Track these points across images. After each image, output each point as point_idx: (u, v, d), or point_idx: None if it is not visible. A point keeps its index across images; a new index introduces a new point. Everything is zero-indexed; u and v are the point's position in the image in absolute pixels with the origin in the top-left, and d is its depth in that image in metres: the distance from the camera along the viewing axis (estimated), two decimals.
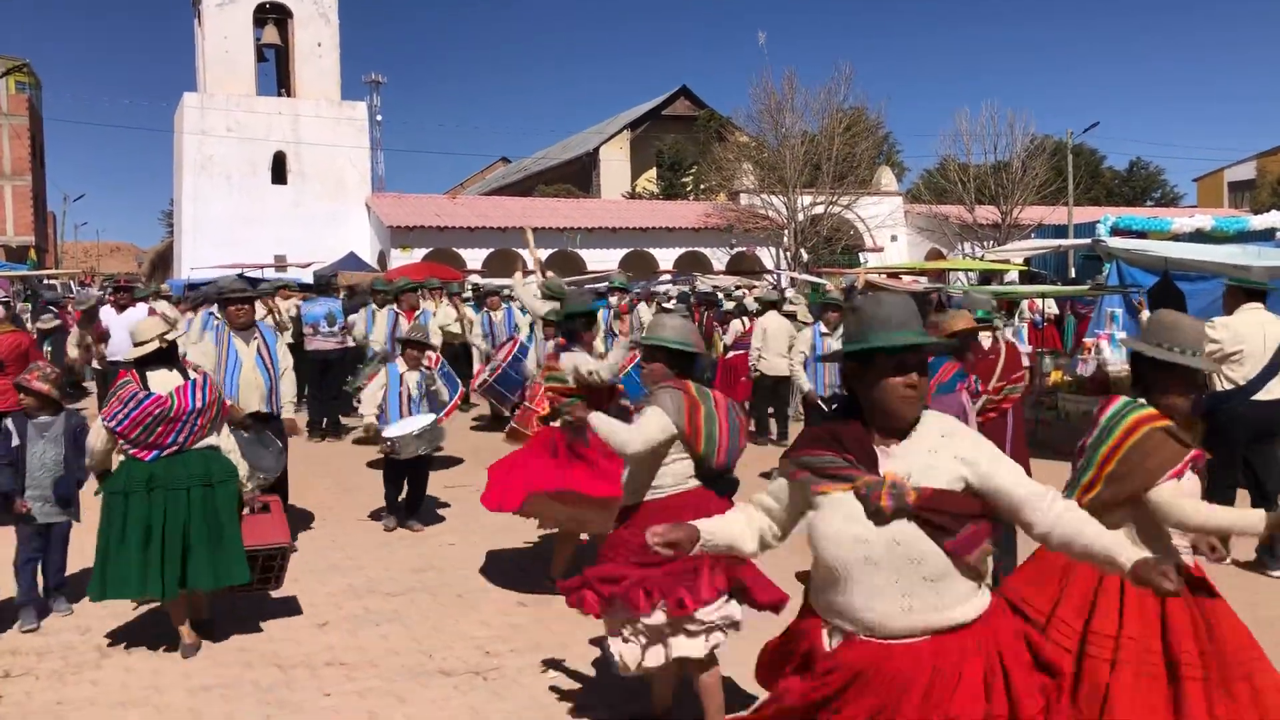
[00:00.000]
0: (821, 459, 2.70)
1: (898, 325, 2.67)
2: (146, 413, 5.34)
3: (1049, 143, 37.27)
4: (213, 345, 7.49)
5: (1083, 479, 3.51)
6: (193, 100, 33.58)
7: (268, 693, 4.93)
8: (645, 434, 4.16)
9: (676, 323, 4.42)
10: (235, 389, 7.32)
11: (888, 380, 2.65)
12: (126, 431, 5.37)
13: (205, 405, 5.49)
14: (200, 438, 5.51)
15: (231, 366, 7.39)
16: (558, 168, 49.00)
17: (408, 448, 7.89)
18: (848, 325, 2.80)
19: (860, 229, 36.72)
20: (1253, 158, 56.18)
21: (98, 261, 65.22)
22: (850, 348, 2.72)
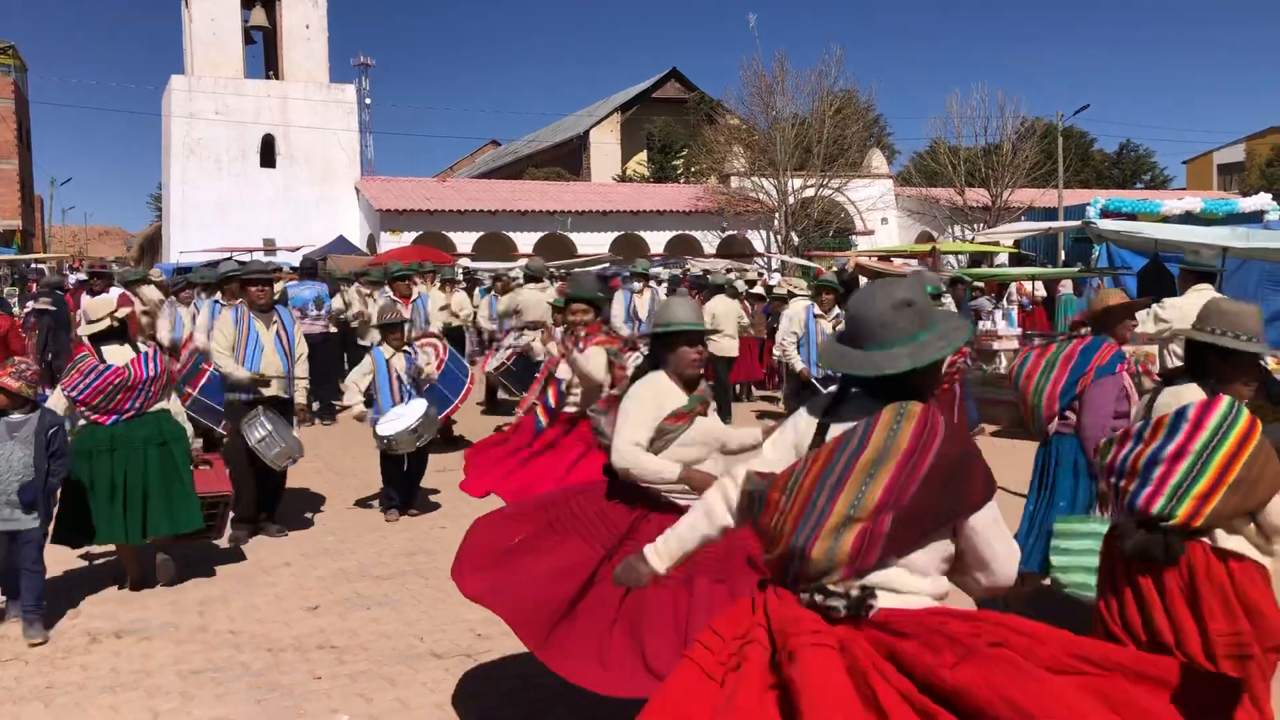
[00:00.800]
0: None
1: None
2: (107, 382, 6.02)
3: (1039, 125, 37.28)
4: (232, 325, 7.43)
5: (1194, 489, 3.25)
6: (180, 83, 33.37)
7: (258, 676, 4.93)
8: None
9: (688, 303, 4.22)
10: (256, 368, 7.40)
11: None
12: (89, 399, 6.02)
13: (158, 374, 6.20)
14: (154, 402, 6.20)
15: (252, 348, 7.40)
16: (548, 150, 48.85)
17: (404, 444, 7.68)
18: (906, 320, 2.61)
19: (851, 212, 36.71)
20: (1241, 140, 56.27)
21: (85, 245, 64.83)
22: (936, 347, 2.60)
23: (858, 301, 2.62)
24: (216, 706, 4.61)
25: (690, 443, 3.97)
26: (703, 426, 4.00)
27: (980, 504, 2.49)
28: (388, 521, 7.90)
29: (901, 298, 2.55)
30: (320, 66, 35.15)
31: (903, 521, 2.44)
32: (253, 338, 7.43)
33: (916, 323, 2.53)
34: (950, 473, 2.44)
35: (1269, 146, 51.11)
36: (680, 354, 4.00)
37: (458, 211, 33.27)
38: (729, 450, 4.08)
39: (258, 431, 7.14)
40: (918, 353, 2.50)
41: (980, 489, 2.48)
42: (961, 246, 25.24)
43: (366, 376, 8.05)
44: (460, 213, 33.26)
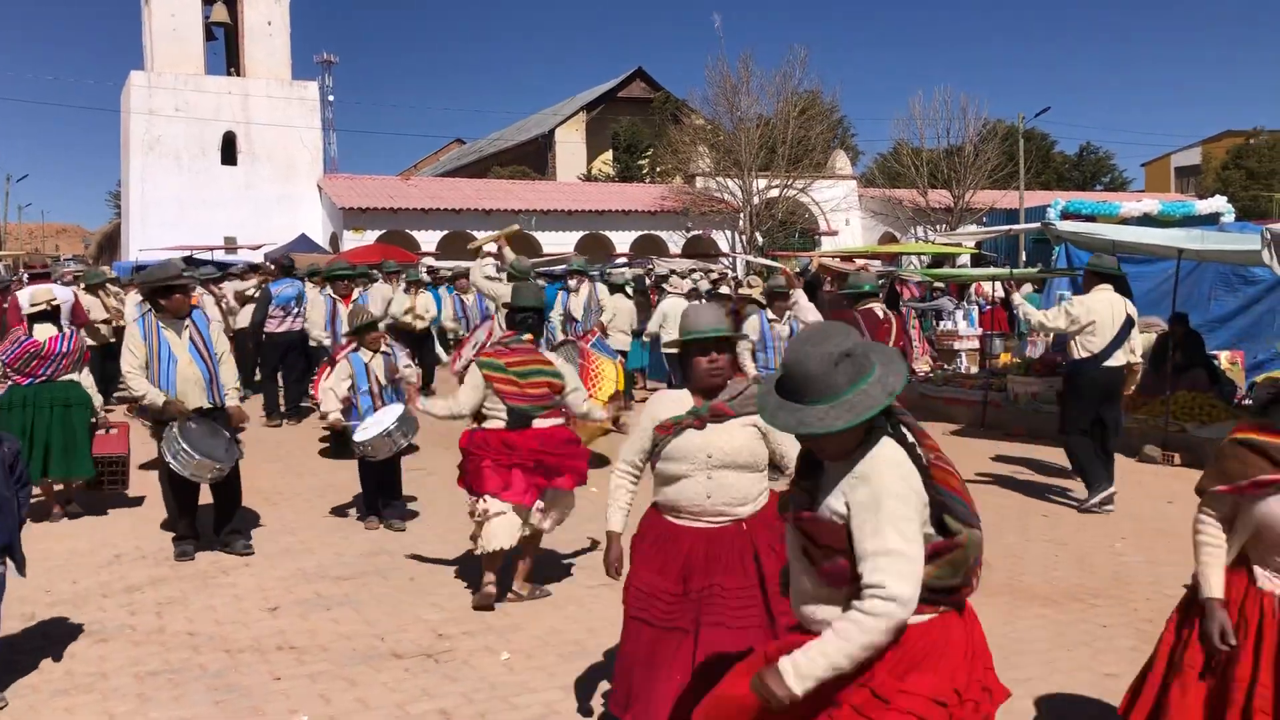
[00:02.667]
0: None
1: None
2: (26, 350, 7.67)
3: (1001, 127, 37.63)
4: (140, 340, 6.70)
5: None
6: (140, 79, 32.95)
7: (216, 677, 4.89)
8: None
9: (707, 310, 3.89)
10: (172, 386, 6.69)
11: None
12: (11, 363, 7.67)
13: (69, 350, 7.82)
14: (65, 373, 7.81)
15: (165, 362, 6.69)
16: (513, 149, 48.72)
17: (381, 448, 7.32)
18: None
19: (815, 212, 36.89)
20: (1198, 144, 57.20)
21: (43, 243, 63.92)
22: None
23: (795, 357, 2.58)
24: (174, 708, 4.57)
25: (672, 457, 3.71)
26: (690, 441, 3.68)
27: None
28: (367, 529, 7.60)
29: (838, 350, 2.53)
30: (282, 63, 34.84)
31: None
32: (164, 350, 6.69)
33: (854, 373, 2.53)
34: None
35: (1224, 150, 51.96)
36: (692, 365, 3.74)
37: (421, 210, 33.10)
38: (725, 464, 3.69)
39: (171, 447, 6.56)
40: (856, 406, 2.50)
41: None
42: (924, 248, 25.44)
43: (345, 382, 7.63)
44: (424, 211, 33.10)
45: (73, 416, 7.75)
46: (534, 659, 5.06)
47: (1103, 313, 8.09)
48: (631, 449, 3.88)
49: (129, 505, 8.47)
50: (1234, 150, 50.59)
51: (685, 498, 3.70)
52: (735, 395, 3.72)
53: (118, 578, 6.49)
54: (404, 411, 7.45)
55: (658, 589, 3.67)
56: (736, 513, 3.71)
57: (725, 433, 3.69)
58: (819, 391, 2.52)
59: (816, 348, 2.55)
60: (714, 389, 3.73)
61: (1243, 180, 46.18)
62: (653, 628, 3.67)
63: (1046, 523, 7.72)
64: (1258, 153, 49.12)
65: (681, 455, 3.68)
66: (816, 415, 2.51)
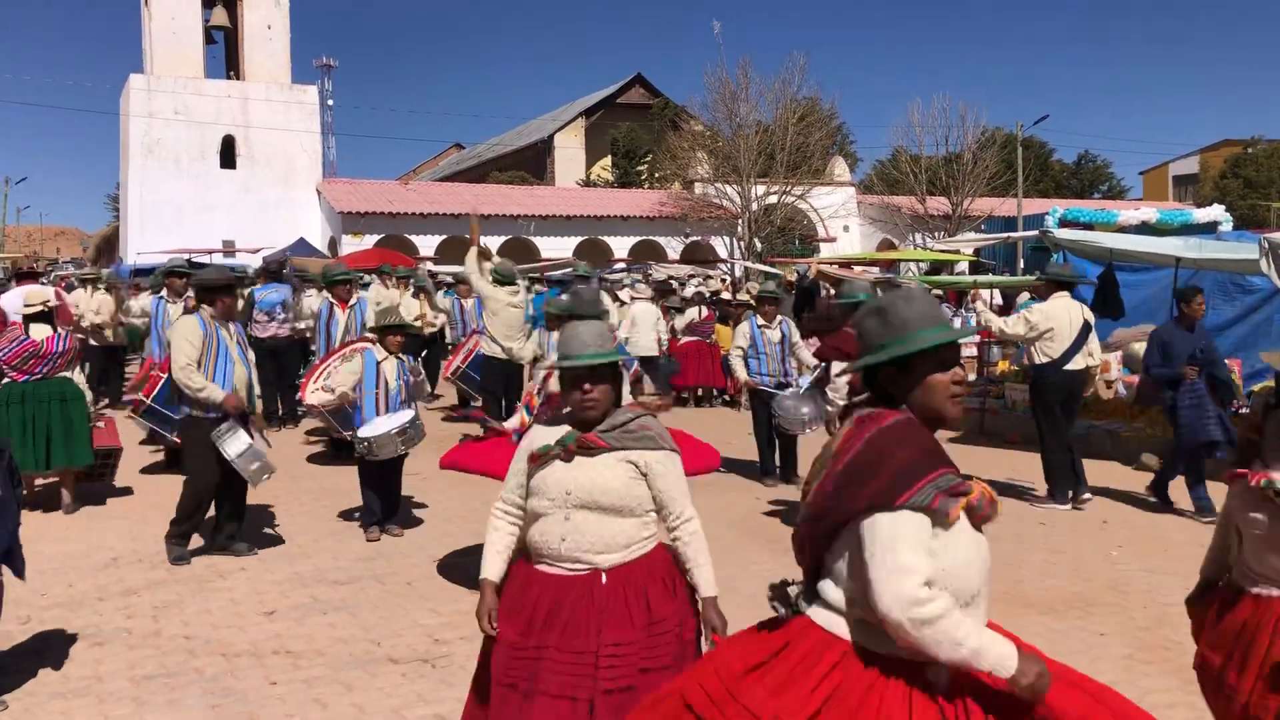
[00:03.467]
0: (949, 479, 2.32)
1: (933, 322, 2.42)
2: (24, 349, 8.05)
3: (999, 135, 37.69)
4: (200, 337, 6.73)
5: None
6: (139, 82, 32.96)
7: (213, 681, 4.88)
8: None
9: (593, 326, 3.47)
10: (229, 385, 6.81)
11: (936, 378, 2.40)
12: (9, 361, 7.98)
13: (64, 350, 8.22)
14: (59, 370, 8.19)
15: (223, 361, 6.80)
16: (512, 154, 48.74)
17: (385, 448, 7.13)
18: (873, 328, 2.49)
19: (813, 219, 36.94)
20: (1196, 153, 57.27)
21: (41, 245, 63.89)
22: (894, 351, 2.42)
23: None
24: (170, 713, 4.56)
25: (535, 491, 3.25)
26: (552, 475, 3.21)
27: (864, 509, 2.29)
28: (369, 540, 7.42)
29: (873, 306, 2.54)
30: (282, 67, 34.85)
31: (809, 518, 2.45)
32: (223, 351, 6.82)
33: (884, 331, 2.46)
34: (854, 473, 2.34)
35: (1222, 159, 52.02)
36: (567, 394, 3.31)
37: (420, 214, 33.10)
38: (603, 507, 3.18)
39: (235, 444, 6.65)
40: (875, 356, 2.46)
41: (871, 494, 2.29)
42: (922, 254, 25.46)
43: (352, 376, 7.45)
44: (423, 216, 33.10)
45: (70, 410, 8.22)
46: None
47: (1061, 319, 8.45)
48: (509, 484, 3.37)
49: (126, 508, 8.46)
50: (1232, 159, 50.66)
51: (542, 539, 3.21)
52: (615, 426, 3.25)
53: (114, 581, 6.48)
54: (413, 417, 7.33)
55: (505, 640, 3.20)
56: (594, 561, 3.16)
57: (591, 468, 3.19)
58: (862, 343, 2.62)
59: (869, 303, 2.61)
60: (589, 423, 3.25)
61: (1240, 189, 46.25)
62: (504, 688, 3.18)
63: (1043, 530, 7.72)
64: (1256, 162, 49.19)
65: (542, 490, 3.22)
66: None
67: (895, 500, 2.26)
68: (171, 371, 6.82)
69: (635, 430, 3.25)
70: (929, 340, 2.38)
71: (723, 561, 6.75)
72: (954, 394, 2.42)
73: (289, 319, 12.55)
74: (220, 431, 6.70)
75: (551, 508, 3.20)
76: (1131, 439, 10.47)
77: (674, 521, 3.28)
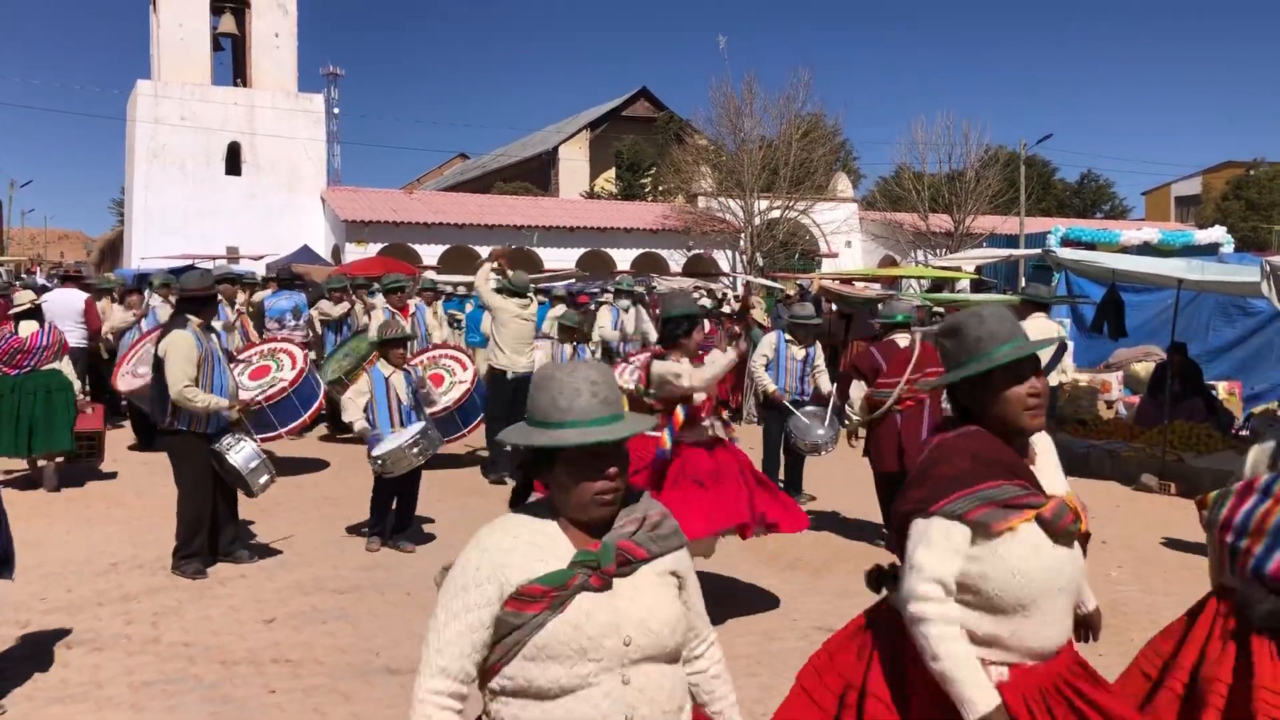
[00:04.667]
0: (1004, 491, 2.41)
1: (1008, 336, 2.51)
2: (11, 346, 8.88)
3: (1002, 153, 37.75)
4: (196, 351, 6.61)
5: None
6: (146, 88, 33.06)
7: (211, 689, 4.89)
8: None
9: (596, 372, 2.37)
10: (226, 392, 6.81)
11: (1012, 392, 2.49)
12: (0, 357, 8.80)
13: (49, 344, 8.98)
14: (46, 363, 8.97)
15: (218, 371, 6.76)
16: (516, 165, 48.86)
17: (402, 462, 7.09)
18: (950, 348, 2.59)
19: (815, 234, 36.98)
20: (1198, 174, 57.41)
21: (45, 249, 63.99)
22: (969, 369, 2.51)
23: None
24: (168, 719, 4.57)
25: (553, 654, 2.02)
26: (590, 619, 2.04)
27: (910, 511, 2.49)
28: (368, 550, 7.38)
29: (947, 326, 2.64)
30: (289, 75, 34.96)
31: (894, 514, 2.64)
32: (216, 360, 6.76)
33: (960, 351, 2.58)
34: (913, 479, 2.54)
35: (1225, 180, 52.11)
36: (569, 482, 2.11)
37: (424, 224, 33.15)
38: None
39: (244, 455, 6.62)
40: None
41: (916, 499, 2.48)
42: (923, 271, 25.48)
43: (364, 395, 7.35)
44: (427, 225, 33.14)
45: (54, 400, 8.94)
46: None
47: (1038, 337, 8.53)
48: (453, 650, 2.08)
49: (126, 514, 8.47)
50: (1234, 181, 50.73)
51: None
52: (642, 524, 2.17)
53: (114, 586, 6.48)
54: (424, 427, 7.27)
55: None
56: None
57: (638, 595, 2.12)
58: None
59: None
60: (601, 524, 2.14)
61: (1242, 211, 46.31)
62: None
63: None
64: (1258, 184, 49.26)
65: (573, 647, 2.02)
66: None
67: (930, 508, 2.43)
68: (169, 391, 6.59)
69: (662, 524, 2.22)
70: (1002, 358, 2.48)
71: (710, 565, 6.74)
72: (1029, 405, 2.49)
73: (299, 326, 12.57)
74: (226, 444, 6.66)
75: (596, 672, 2.04)
76: (1131, 459, 10.48)
77: (700, 647, 2.32)
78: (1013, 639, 2.42)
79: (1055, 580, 2.43)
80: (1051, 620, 2.45)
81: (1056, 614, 2.45)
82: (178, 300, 7.15)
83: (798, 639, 5.57)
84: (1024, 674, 2.43)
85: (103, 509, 8.63)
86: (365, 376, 7.49)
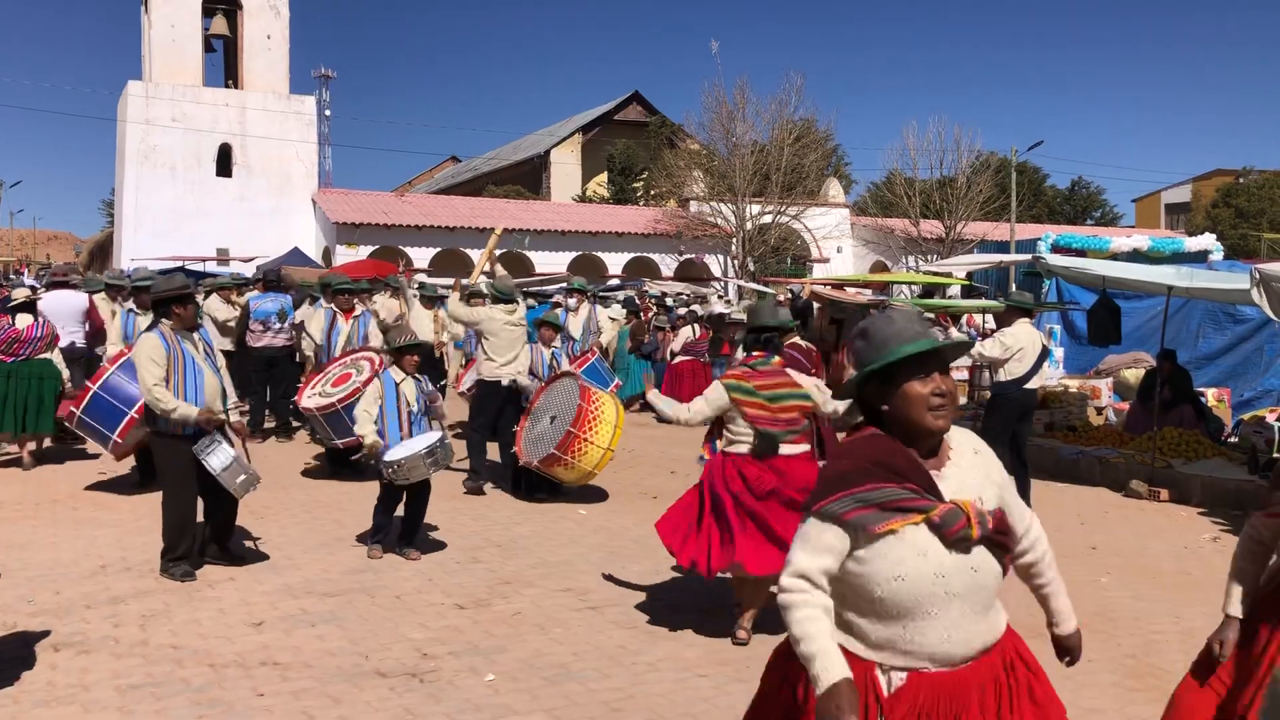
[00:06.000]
0: (884, 493, 2.40)
1: (913, 336, 2.49)
2: (9, 335, 9.92)
3: (994, 160, 37.92)
4: (163, 353, 6.55)
5: None
6: (137, 89, 33.00)
7: (200, 692, 4.86)
8: None
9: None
10: (201, 398, 6.65)
11: (915, 391, 2.46)
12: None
13: (42, 335, 10.12)
14: (39, 353, 10.11)
15: (192, 373, 6.64)
16: (508, 169, 48.88)
17: (416, 470, 6.97)
18: (860, 349, 2.58)
19: (807, 239, 37.07)
20: (1188, 181, 57.70)
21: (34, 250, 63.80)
22: (872, 366, 2.51)
23: None
24: None
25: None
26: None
27: (803, 509, 2.53)
28: (370, 558, 7.23)
29: (858, 328, 2.64)
30: (280, 77, 34.93)
31: None
32: (189, 363, 6.65)
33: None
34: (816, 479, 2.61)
35: (1214, 188, 52.37)
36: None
37: (415, 226, 33.14)
38: None
39: (219, 458, 6.55)
40: None
41: (808, 501, 2.52)
42: (914, 277, 25.54)
43: (376, 403, 7.23)
44: (418, 228, 33.14)
45: (44, 387, 10.12)
46: (519, 681, 5.05)
47: (1026, 342, 9.31)
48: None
49: (115, 516, 8.43)
50: (1224, 189, 51.01)
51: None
52: None
53: (102, 589, 6.45)
54: (441, 437, 7.16)
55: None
56: None
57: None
58: None
59: None
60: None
61: (1231, 219, 46.56)
62: None
63: None
64: (1247, 192, 49.53)
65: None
66: None
67: (813, 506, 2.46)
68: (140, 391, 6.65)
69: None
70: (905, 353, 2.46)
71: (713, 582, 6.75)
72: (933, 405, 2.46)
73: (284, 329, 12.51)
74: (202, 446, 6.59)
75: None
76: (1121, 465, 10.51)
77: None
78: (908, 643, 2.41)
79: (945, 585, 2.39)
80: (953, 626, 2.41)
81: (958, 620, 2.41)
82: (151, 303, 7.15)
83: None
84: (924, 680, 2.41)
85: (91, 511, 8.58)
86: (376, 383, 7.40)
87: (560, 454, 8.45)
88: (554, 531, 8.19)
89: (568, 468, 8.57)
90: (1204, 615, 6.22)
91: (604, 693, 4.91)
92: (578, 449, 8.46)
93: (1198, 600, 6.61)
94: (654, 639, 5.69)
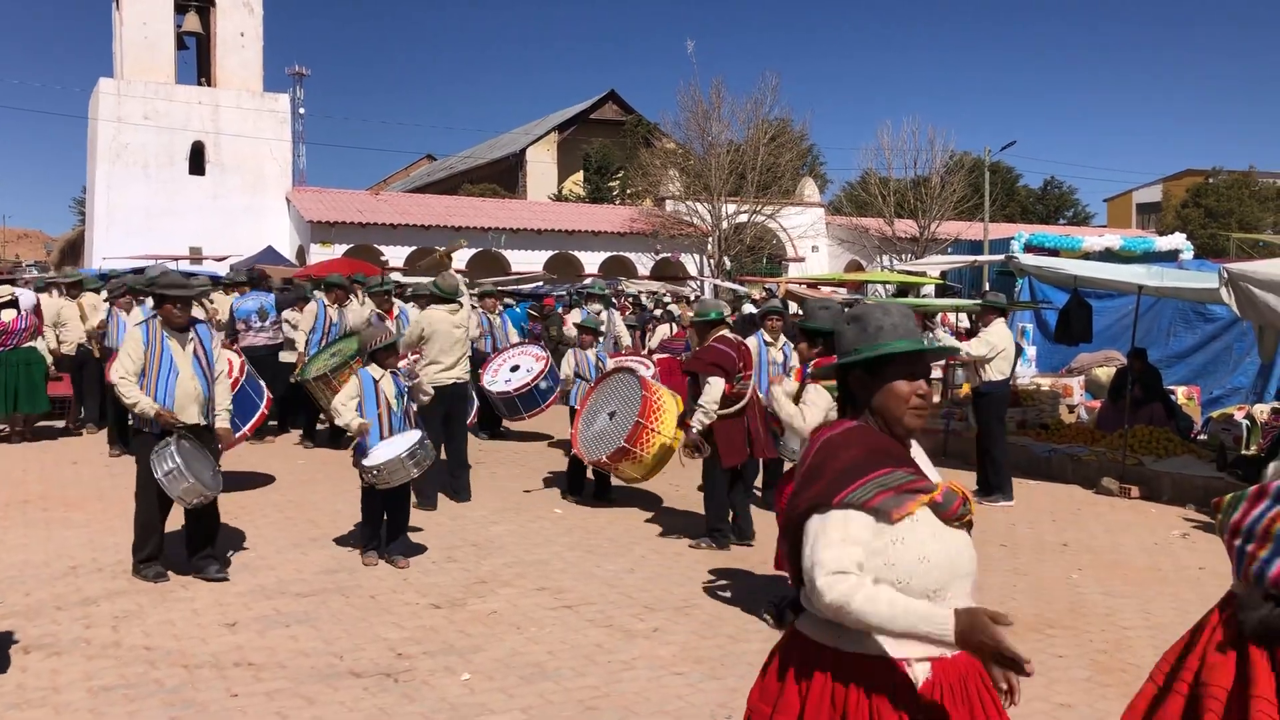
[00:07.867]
0: (896, 476, 2.39)
1: (906, 334, 2.52)
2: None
3: (967, 159, 38.17)
4: (141, 347, 6.52)
5: None
6: (109, 86, 32.69)
7: (173, 693, 4.83)
8: None
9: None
10: (170, 398, 6.52)
11: (901, 388, 2.49)
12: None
13: (26, 327, 11.71)
14: (25, 342, 11.70)
15: (165, 373, 6.52)
16: (484, 167, 48.78)
17: (397, 473, 6.87)
18: (849, 333, 2.59)
19: (782, 239, 37.18)
20: (1159, 181, 58.25)
21: (3, 248, 63.10)
22: (865, 354, 2.52)
23: None
24: None
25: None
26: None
27: (805, 510, 2.39)
28: (365, 565, 7.06)
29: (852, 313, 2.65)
30: (254, 75, 34.68)
31: (782, 530, 2.56)
32: (166, 361, 6.53)
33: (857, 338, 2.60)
34: (804, 478, 2.46)
35: (1184, 188, 52.89)
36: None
37: (390, 225, 33.00)
38: None
39: (165, 464, 6.37)
40: None
41: (813, 496, 2.39)
42: (889, 276, 25.68)
43: (354, 399, 7.11)
44: (393, 226, 33.00)
45: (33, 371, 11.79)
46: (494, 680, 5.05)
47: (1008, 341, 9.89)
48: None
49: (86, 516, 8.37)
50: (1194, 189, 51.51)
51: None
52: None
53: (73, 590, 6.40)
54: (421, 437, 7.08)
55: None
56: None
57: None
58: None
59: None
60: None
61: (1201, 219, 47.03)
62: None
63: (1005, 552, 7.80)
64: (1216, 192, 50.04)
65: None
66: None
67: (832, 500, 2.35)
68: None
69: None
70: (899, 349, 2.48)
71: (673, 569, 6.75)
72: (915, 405, 2.49)
73: (266, 327, 12.45)
74: (158, 448, 6.45)
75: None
76: (1092, 463, 10.60)
77: None
78: None
79: (958, 564, 2.42)
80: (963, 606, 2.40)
81: (965, 600, 2.43)
82: (153, 297, 7.11)
83: (764, 641, 5.59)
84: (945, 666, 2.41)
85: (62, 512, 8.51)
86: (355, 379, 7.26)
87: (630, 446, 8.41)
88: (529, 531, 8.18)
89: (636, 461, 8.51)
90: (1174, 610, 6.30)
91: (580, 691, 4.92)
92: (646, 439, 8.45)
93: (1168, 596, 6.69)
94: (629, 637, 5.70)
